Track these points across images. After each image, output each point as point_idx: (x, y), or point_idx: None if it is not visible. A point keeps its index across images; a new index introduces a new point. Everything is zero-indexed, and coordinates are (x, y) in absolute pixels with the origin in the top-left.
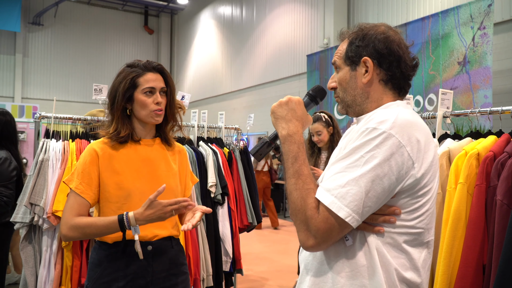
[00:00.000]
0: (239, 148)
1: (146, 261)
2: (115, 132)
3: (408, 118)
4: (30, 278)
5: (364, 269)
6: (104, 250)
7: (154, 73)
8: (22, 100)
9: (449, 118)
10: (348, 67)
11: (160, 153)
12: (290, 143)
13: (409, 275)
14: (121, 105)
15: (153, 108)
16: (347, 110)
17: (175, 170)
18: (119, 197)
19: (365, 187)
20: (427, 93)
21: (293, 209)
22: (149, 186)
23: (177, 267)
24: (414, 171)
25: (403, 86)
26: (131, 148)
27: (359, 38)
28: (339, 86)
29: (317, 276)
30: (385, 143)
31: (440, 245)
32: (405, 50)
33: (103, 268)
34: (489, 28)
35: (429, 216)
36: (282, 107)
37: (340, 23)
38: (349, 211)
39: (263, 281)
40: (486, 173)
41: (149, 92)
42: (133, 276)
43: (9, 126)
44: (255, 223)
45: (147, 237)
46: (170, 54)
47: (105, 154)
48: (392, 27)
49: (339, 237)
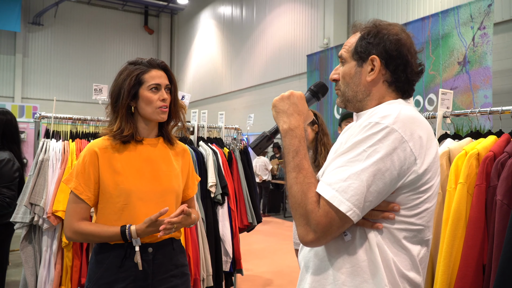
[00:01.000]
0: (239, 148)
1: (147, 263)
2: (119, 130)
3: (411, 114)
4: (30, 278)
5: (365, 264)
6: (105, 252)
7: (159, 70)
8: (22, 100)
9: (449, 118)
10: (355, 62)
11: (162, 153)
12: (291, 137)
13: (409, 273)
14: (126, 103)
15: (158, 104)
16: (346, 104)
17: (177, 170)
18: (119, 197)
19: (367, 182)
20: (427, 93)
21: (293, 203)
22: (150, 186)
23: (178, 268)
24: (416, 166)
25: (406, 89)
26: (133, 147)
27: (371, 35)
28: (342, 79)
29: (317, 274)
30: (387, 137)
31: (440, 245)
32: (414, 55)
33: (104, 269)
34: (489, 28)
35: (430, 213)
36: (284, 101)
37: (340, 23)
38: (350, 205)
39: (263, 281)
40: (486, 173)
41: (155, 88)
42: (134, 278)
43: (10, 125)
44: (255, 223)
45: (148, 239)
46: (170, 54)
47: (105, 154)
48: (406, 30)
49: (339, 232)
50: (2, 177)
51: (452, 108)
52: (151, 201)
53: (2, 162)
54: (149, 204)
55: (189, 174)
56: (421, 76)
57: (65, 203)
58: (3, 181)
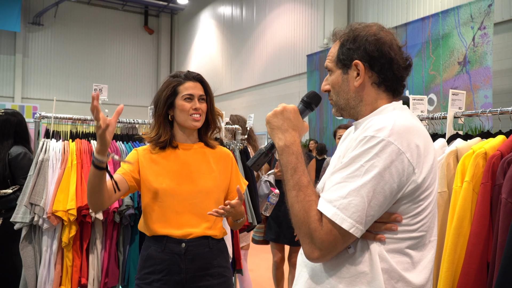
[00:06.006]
0: (239, 148)
1: (179, 258)
2: (156, 136)
3: (406, 124)
4: (30, 278)
5: (363, 275)
6: (148, 246)
7: (194, 82)
8: (22, 100)
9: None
10: (340, 70)
11: (199, 157)
12: (288, 154)
13: (413, 278)
14: (163, 111)
15: (191, 112)
16: (341, 113)
17: (215, 172)
18: (155, 194)
19: (367, 197)
20: (427, 93)
21: (296, 221)
22: (185, 186)
23: (215, 268)
24: (415, 176)
25: (396, 87)
26: (170, 152)
27: (350, 40)
28: (332, 89)
29: (315, 281)
30: (384, 151)
31: (445, 242)
32: (398, 51)
33: (145, 260)
34: (489, 28)
35: (430, 218)
36: (277, 117)
37: (340, 23)
38: (352, 222)
39: (263, 281)
40: (492, 172)
41: (188, 98)
42: (168, 271)
43: (21, 125)
44: (255, 223)
45: (182, 235)
46: (170, 54)
47: (145, 155)
48: (384, 28)
49: (344, 247)
50: (21, 169)
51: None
52: (185, 201)
53: (20, 155)
54: (184, 203)
55: (231, 177)
56: (410, 70)
57: (65, 203)
58: (22, 173)
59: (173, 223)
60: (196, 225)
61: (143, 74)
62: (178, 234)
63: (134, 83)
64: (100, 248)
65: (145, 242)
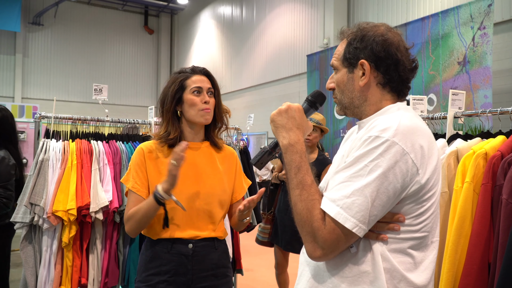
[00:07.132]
0: (238, 147)
1: (187, 259)
2: (165, 133)
3: (410, 124)
4: (30, 278)
5: (365, 275)
6: (150, 246)
7: (201, 75)
8: (22, 100)
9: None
10: (346, 69)
11: (207, 156)
12: (292, 153)
13: (415, 278)
14: (171, 107)
15: (201, 106)
16: (345, 111)
17: (221, 173)
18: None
19: (371, 197)
20: (427, 93)
21: (299, 220)
22: (192, 188)
23: (220, 269)
24: (418, 177)
25: (401, 89)
26: None
27: (357, 39)
28: (337, 87)
29: (317, 280)
30: (388, 151)
31: (446, 243)
32: (404, 53)
33: (148, 262)
34: (489, 28)
35: (433, 219)
36: (282, 115)
37: (340, 23)
38: (355, 221)
39: (263, 281)
40: (492, 172)
41: (197, 91)
42: (174, 272)
43: (5, 123)
44: (255, 223)
45: (188, 236)
46: (170, 54)
47: (151, 155)
48: (392, 28)
49: (346, 246)
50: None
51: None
52: (191, 202)
53: None
54: (190, 205)
55: (236, 177)
56: (415, 72)
57: (65, 203)
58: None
59: (180, 225)
60: (202, 226)
61: (143, 74)
62: (184, 235)
63: (134, 83)
64: (100, 248)
65: (147, 242)
